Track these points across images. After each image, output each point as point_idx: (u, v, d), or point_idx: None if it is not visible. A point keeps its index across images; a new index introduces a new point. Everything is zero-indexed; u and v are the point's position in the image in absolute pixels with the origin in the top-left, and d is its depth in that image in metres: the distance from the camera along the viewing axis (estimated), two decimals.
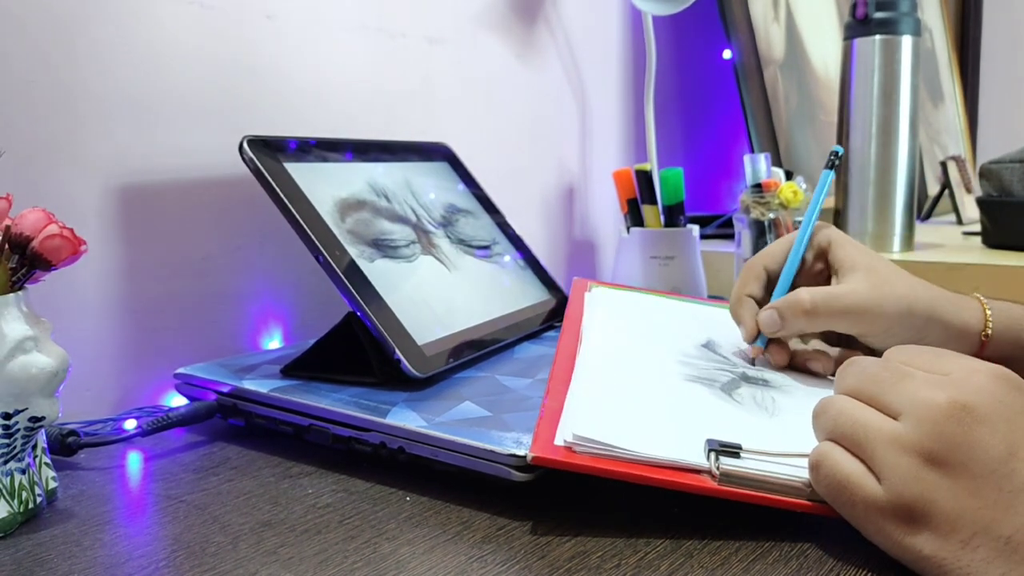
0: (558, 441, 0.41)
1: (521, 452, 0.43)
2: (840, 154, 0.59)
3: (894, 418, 0.35)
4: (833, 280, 0.54)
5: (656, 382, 0.51)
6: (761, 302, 0.56)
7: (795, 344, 0.57)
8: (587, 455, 0.41)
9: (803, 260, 0.56)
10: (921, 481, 0.34)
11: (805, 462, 0.40)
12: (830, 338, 0.58)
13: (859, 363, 0.39)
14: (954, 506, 0.33)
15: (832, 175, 0.58)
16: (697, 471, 0.40)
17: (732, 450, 0.41)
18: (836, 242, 0.55)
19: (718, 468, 0.40)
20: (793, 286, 0.55)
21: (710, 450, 0.41)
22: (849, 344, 0.56)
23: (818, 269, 0.56)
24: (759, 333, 0.55)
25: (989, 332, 0.52)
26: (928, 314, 0.51)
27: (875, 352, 0.53)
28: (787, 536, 0.40)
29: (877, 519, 0.35)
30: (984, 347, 0.52)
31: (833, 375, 0.54)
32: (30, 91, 0.56)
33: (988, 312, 0.52)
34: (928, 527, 0.33)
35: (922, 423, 0.34)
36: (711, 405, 0.48)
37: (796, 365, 0.56)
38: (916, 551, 0.34)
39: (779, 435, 0.44)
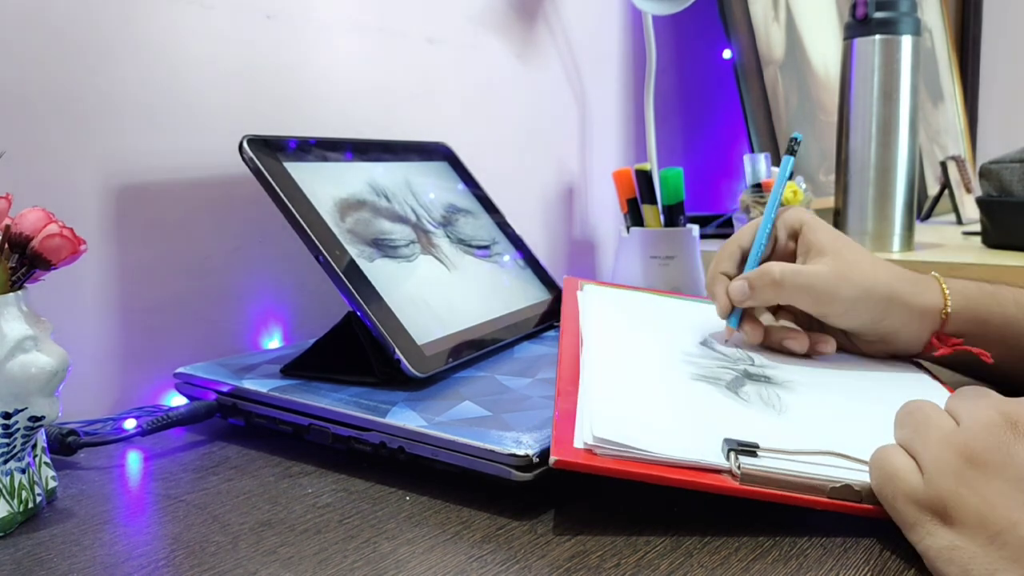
0: (577, 443, 0.41)
1: (521, 452, 0.43)
2: (799, 140, 0.62)
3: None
4: (799, 260, 0.57)
5: (664, 381, 0.51)
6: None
7: (768, 321, 0.60)
8: (609, 457, 0.40)
9: (775, 239, 0.59)
10: (959, 477, 0.35)
11: (821, 459, 0.41)
12: (799, 319, 0.61)
13: (961, 391, 0.41)
14: (982, 504, 0.34)
15: (792, 160, 0.61)
16: (718, 471, 0.40)
17: (750, 449, 0.41)
18: (808, 225, 0.58)
19: (739, 468, 0.40)
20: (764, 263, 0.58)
21: (729, 450, 0.41)
22: (817, 326, 0.59)
23: (791, 249, 0.59)
24: (732, 309, 0.57)
25: (948, 310, 0.55)
26: (888, 297, 0.55)
27: (837, 331, 0.58)
28: (787, 536, 0.40)
29: (915, 512, 0.36)
30: (944, 324, 0.55)
31: (808, 354, 0.57)
32: (30, 91, 0.56)
33: (947, 291, 0.55)
34: (958, 522, 0.34)
35: (972, 427, 0.36)
36: (721, 404, 0.48)
37: (772, 344, 0.58)
38: (946, 542, 0.35)
39: (790, 433, 0.45)
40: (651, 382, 0.50)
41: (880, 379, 0.55)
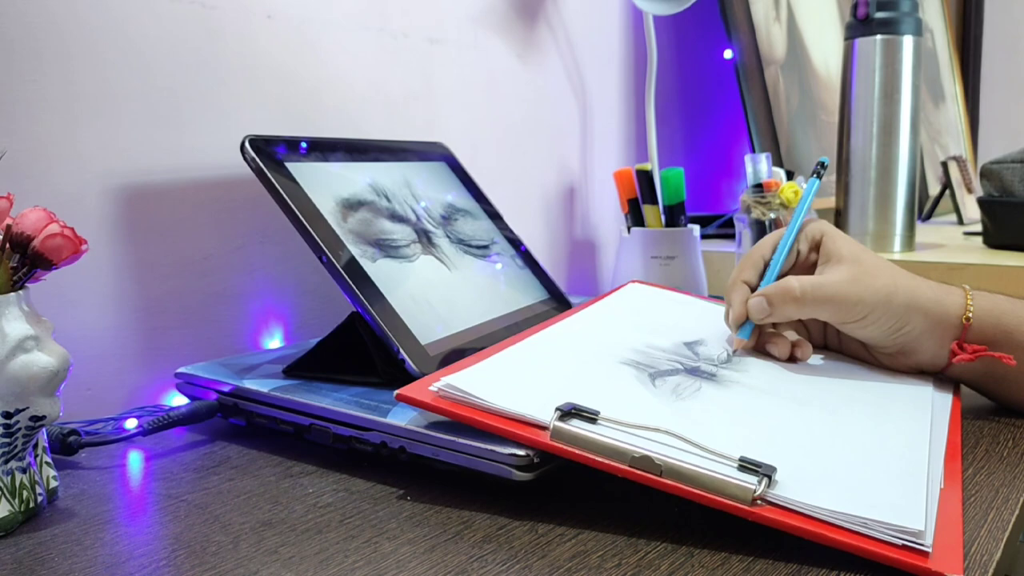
0: (432, 387, 0.44)
1: (522, 452, 0.43)
2: (826, 165, 0.62)
3: None
4: (818, 270, 0.57)
5: (581, 359, 0.51)
6: (754, 290, 0.57)
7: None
8: (448, 400, 0.43)
9: (798, 252, 0.58)
10: None
11: (656, 436, 0.41)
12: (813, 333, 0.61)
13: None
14: None
15: (817, 183, 0.62)
16: (539, 427, 0.42)
17: (589, 416, 0.42)
18: (828, 235, 0.57)
19: (552, 424, 0.41)
20: (784, 276, 0.57)
21: (559, 410, 0.42)
22: (834, 339, 0.60)
23: (812, 261, 0.58)
24: (745, 321, 0.56)
25: (970, 316, 0.54)
26: (908, 303, 0.53)
27: (852, 342, 0.58)
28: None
29: None
30: (966, 331, 0.54)
31: (790, 359, 0.56)
32: (31, 91, 0.56)
33: (970, 298, 0.54)
34: None
35: None
36: (617, 384, 0.48)
37: (758, 347, 0.57)
38: None
39: (662, 413, 0.44)
40: (566, 357, 0.52)
41: (866, 396, 0.52)
